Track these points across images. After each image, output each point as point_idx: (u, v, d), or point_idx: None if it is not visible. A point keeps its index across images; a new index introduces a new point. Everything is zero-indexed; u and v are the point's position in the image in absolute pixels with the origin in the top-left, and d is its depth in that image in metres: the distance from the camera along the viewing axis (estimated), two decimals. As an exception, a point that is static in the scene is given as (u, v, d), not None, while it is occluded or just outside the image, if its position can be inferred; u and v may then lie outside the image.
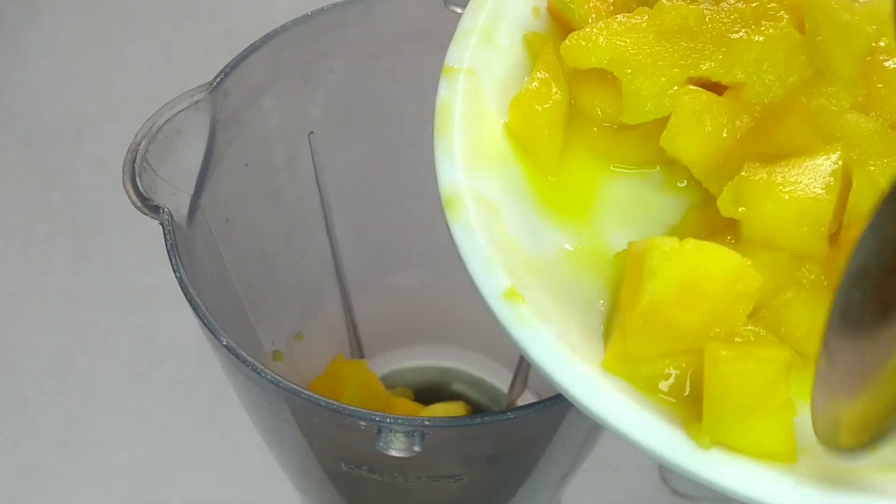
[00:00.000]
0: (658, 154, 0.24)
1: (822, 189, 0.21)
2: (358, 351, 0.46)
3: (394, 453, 0.24)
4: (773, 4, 0.24)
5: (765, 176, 0.22)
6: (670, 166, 0.25)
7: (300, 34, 0.32)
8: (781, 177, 0.21)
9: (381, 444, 0.24)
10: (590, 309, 0.24)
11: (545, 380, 0.22)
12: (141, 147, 0.28)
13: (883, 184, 0.22)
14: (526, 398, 0.45)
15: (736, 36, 0.23)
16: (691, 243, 0.20)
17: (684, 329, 0.21)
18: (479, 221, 0.23)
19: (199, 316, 0.26)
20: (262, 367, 0.25)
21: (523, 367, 0.43)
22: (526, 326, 0.21)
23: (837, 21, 0.22)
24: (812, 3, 0.23)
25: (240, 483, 0.44)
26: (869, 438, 0.17)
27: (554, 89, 0.24)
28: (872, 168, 0.22)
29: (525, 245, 0.24)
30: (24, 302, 0.50)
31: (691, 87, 0.23)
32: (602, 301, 0.24)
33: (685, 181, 0.25)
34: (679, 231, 0.24)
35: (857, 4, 0.22)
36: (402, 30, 0.33)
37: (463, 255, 0.22)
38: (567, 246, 0.24)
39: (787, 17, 0.23)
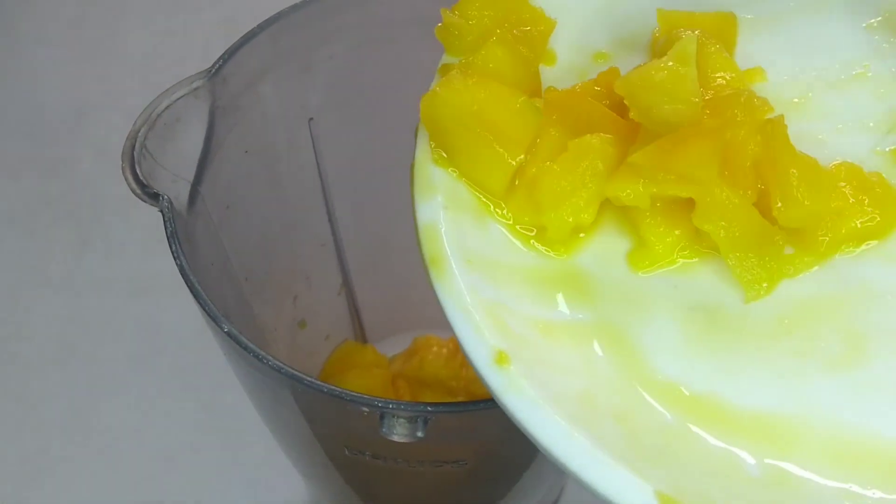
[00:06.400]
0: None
1: None
2: (361, 337, 0.46)
3: (397, 439, 0.24)
4: None
5: None
6: None
7: (299, 20, 0.32)
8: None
9: (384, 429, 0.24)
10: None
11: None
12: (140, 134, 0.28)
13: None
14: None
15: None
16: None
17: None
18: (466, 283, 0.23)
19: (200, 303, 0.26)
20: (263, 353, 0.25)
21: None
22: (519, 396, 0.20)
23: None
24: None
25: (243, 469, 0.44)
26: None
27: None
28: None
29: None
30: (26, 290, 0.50)
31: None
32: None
33: None
34: None
35: None
36: (401, 15, 0.33)
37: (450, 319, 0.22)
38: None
39: None
